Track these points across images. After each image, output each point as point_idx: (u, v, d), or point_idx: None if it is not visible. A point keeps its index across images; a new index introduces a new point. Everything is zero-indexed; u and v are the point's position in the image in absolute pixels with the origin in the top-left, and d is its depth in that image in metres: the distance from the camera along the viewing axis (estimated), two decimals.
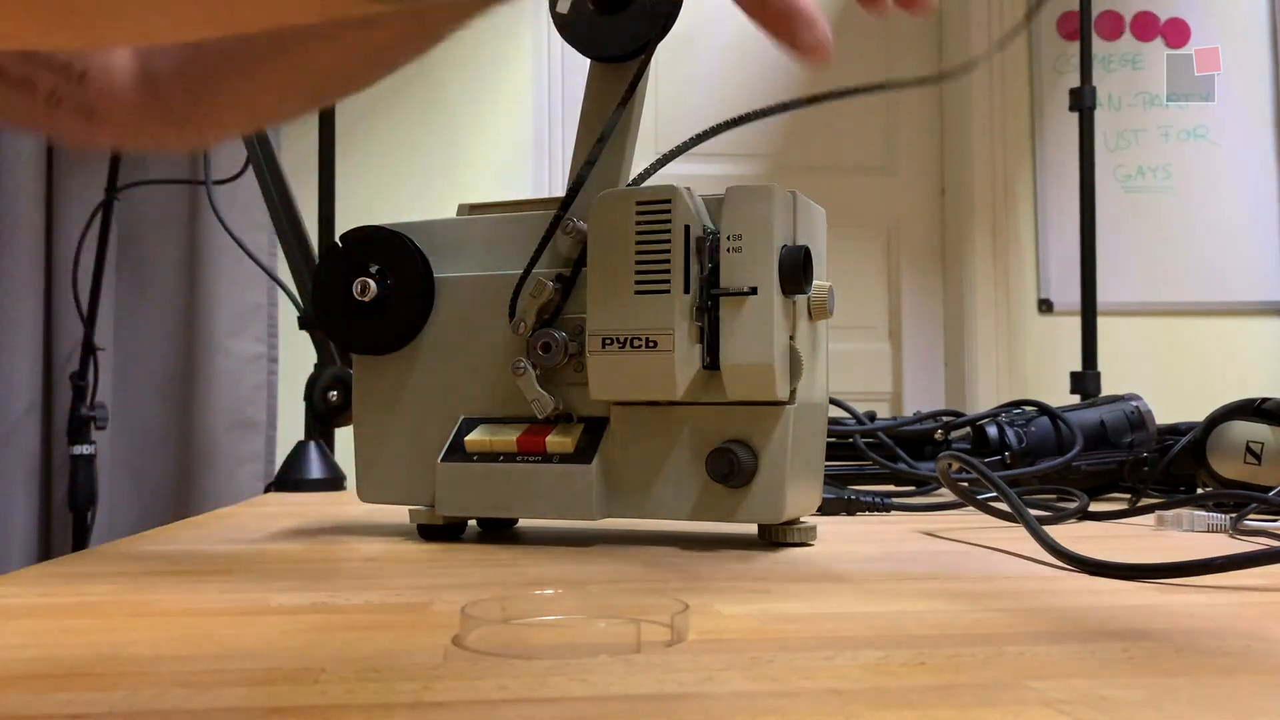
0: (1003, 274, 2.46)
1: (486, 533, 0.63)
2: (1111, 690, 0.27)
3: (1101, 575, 0.47)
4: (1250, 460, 0.78)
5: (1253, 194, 2.49)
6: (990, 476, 0.61)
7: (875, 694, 0.27)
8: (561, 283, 0.57)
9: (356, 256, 0.61)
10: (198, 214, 1.85)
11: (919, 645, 0.32)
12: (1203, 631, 0.35)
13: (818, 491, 0.60)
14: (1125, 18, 2.49)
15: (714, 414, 0.54)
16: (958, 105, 2.50)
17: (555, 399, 0.56)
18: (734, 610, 0.38)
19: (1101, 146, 2.12)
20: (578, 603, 0.37)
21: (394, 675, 0.28)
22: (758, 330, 0.51)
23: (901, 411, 2.49)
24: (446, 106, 2.22)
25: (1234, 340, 2.47)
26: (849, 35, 2.53)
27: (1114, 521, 0.72)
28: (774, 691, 0.27)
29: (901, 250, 2.56)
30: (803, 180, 0.65)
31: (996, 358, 2.46)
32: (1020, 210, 2.47)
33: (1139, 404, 0.93)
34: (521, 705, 0.26)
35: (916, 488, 0.91)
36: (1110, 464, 0.89)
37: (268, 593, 0.42)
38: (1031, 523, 0.54)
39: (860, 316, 2.53)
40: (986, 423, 0.92)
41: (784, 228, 0.53)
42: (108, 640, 0.33)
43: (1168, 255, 2.45)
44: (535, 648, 0.32)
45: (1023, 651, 0.31)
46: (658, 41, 0.58)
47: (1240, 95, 2.49)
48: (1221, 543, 0.60)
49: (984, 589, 0.44)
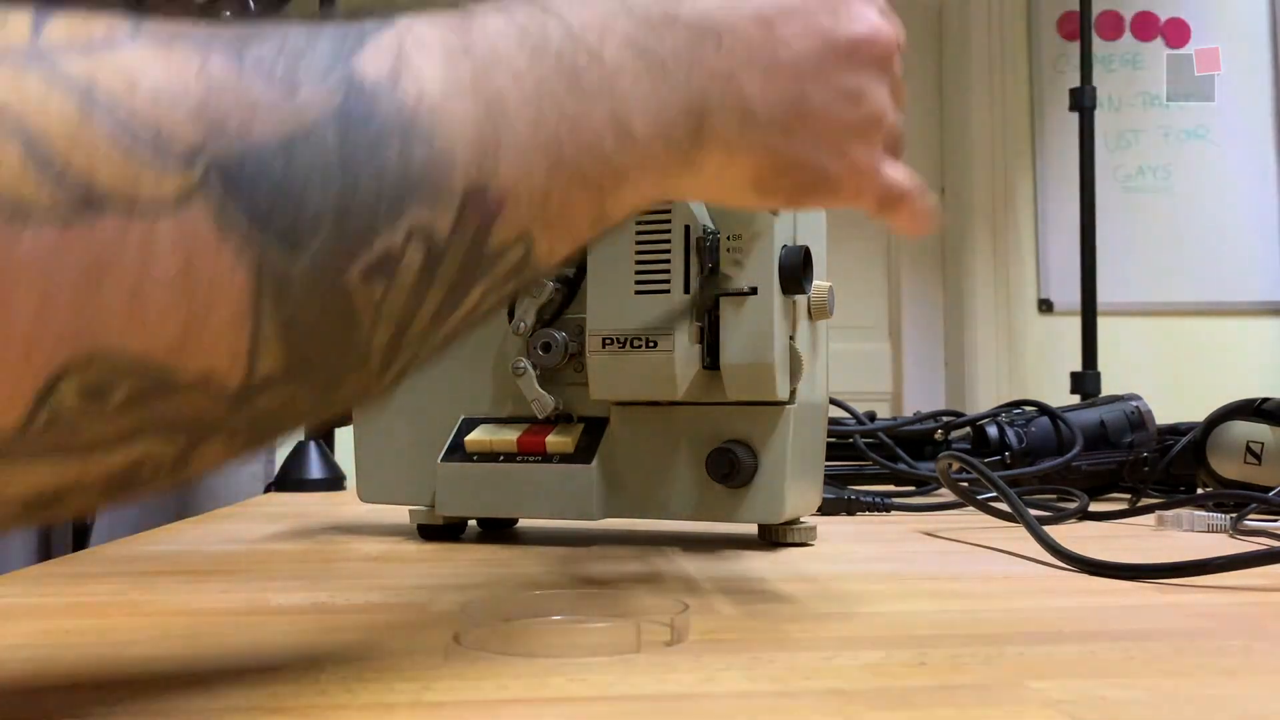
0: (1003, 274, 2.46)
1: (486, 533, 0.63)
2: (1111, 690, 0.27)
3: (1101, 575, 0.47)
4: (1250, 460, 0.78)
5: (1253, 194, 2.49)
6: (990, 476, 0.61)
7: (875, 694, 0.27)
8: (562, 283, 0.57)
9: None
10: None
11: (919, 645, 0.32)
12: (1203, 631, 0.35)
13: (818, 491, 0.60)
14: (1125, 18, 2.49)
15: (714, 414, 0.54)
16: (958, 105, 2.50)
17: (555, 399, 0.56)
18: (734, 610, 0.38)
19: (1101, 146, 2.12)
20: (577, 603, 0.37)
21: (394, 675, 0.28)
22: (758, 330, 0.51)
23: (901, 411, 2.49)
24: None
25: (1234, 340, 2.47)
26: None
27: (1114, 521, 0.72)
28: (774, 691, 0.27)
29: (901, 250, 2.56)
30: None
31: (996, 358, 2.46)
32: (1020, 210, 2.47)
33: (1139, 404, 0.93)
34: (521, 705, 0.26)
35: (916, 488, 0.91)
36: (1110, 464, 0.89)
37: (268, 593, 0.42)
38: (1031, 523, 0.54)
39: (860, 316, 2.53)
40: (986, 423, 0.92)
41: (784, 228, 0.53)
42: (108, 640, 0.33)
43: (1168, 255, 2.45)
44: (535, 648, 0.32)
45: (1023, 651, 0.31)
46: None
47: (1240, 95, 2.49)
48: (1221, 543, 0.60)
49: (984, 589, 0.44)
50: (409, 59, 0.26)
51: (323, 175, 0.23)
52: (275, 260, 0.23)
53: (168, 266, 0.21)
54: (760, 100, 0.32)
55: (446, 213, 0.26)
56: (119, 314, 0.21)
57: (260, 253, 0.22)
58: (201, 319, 0.22)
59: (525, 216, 0.28)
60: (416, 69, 0.26)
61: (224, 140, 0.22)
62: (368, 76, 0.25)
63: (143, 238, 0.21)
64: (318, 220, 0.23)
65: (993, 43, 2.47)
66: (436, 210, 0.25)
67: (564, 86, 0.28)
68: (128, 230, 0.21)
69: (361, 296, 0.25)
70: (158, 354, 0.22)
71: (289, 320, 0.23)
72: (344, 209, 0.24)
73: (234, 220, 0.22)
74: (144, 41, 0.22)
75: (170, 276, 0.21)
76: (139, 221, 0.21)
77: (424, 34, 0.27)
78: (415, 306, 0.26)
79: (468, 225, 0.26)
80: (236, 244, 0.22)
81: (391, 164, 0.25)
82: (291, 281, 0.23)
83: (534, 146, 0.27)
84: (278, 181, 0.23)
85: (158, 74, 0.22)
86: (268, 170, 0.23)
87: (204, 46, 0.23)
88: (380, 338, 0.26)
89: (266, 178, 0.22)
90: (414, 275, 0.25)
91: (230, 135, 0.22)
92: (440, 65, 0.26)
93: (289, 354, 0.24)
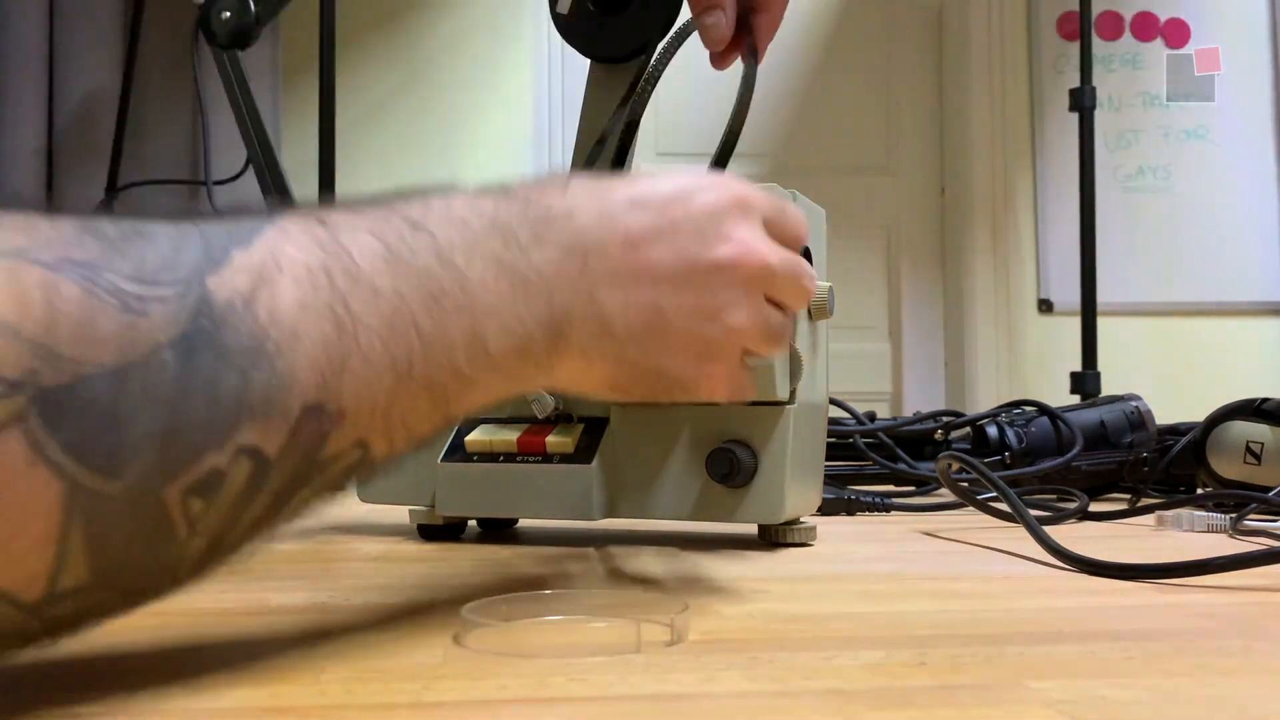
0: (1003, 274, 2.46)
1: (486, 533, 0.63)
2: (1111, 690, 0.27)
3: (1101, 575, 0.47)
4: (1250, 460, 0.78)
5: (1253, 194, 2.49)
6: (990, 477, 0.61)
7: (875, 694, 0.27)
8: None
9: None
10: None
11: (919, 645, 0.32)
12: (1203, 631, 0.35)
13: (818, 491, 0.60)
14: (1125, 18, 2.48)
15: (714, 414, 0.54)
16: (958, 105, 2.50)
17: (555, 399, 0.56)
18: (734, 610, 0.38)
19: (1101, 146, 2.11)
20: (578, 603, 0.37)
21: (394, 675, 0.28)
22: None
23: (901, 411, 2.48)
24: (446, 107, 2.22)
25: (1234, 340, 2.47)
26: (850, 34, 2.53)
27: (1114, 522, 0.72)
28: (774, 691, 0.27)
29: (901, 250, 2.56)
30: (803, 180, 0.65)
31: (996, 358, 2.45)
32: (1020, 210, 2.47)
33: (1139, 404, 0.93)
34: (521, 705, 0.26)
35: (916, 488, 0.91)
36: (1110, 464, 0.89)
37: (268, 593, 0.42)
38: (1031, 523, 0.54)
39: (860, 316, 2.52)
40: (986, 423, 0.92)
41: None
42: (107, 640, 0.33)
43: (1168, 255, 2.45)
44: (535, 648, 0.32)
45: (1023, 651, 0.31)
46: (658, 41, 0.58)
47: (1240, 95, 2.49)
48: (1221, 543, 0.60)
49: (984, 589, 0.44)
50: (269, 279, 0.26)
51: (153, 402, 0.23)
52: (89, 484, 0.23)
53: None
54: (619, 316, 0.34)
55: (279, 432, 0.26)
56: None
57: (73, 479, 0.22)
58: (3, 541, 0.22)
59: (364, 426, 0.28)
60: (274, 288, 0.26)
61: (54, 371, 0.22)
62: (221, 298, 0.25)
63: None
64: (140, 446, 0.23)
65: (993, 43, 2.47)
66: (269, 430, 0.25)
67: (423, 306, 0.29)
68: None
69: (179, 511, 0.24)
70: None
71: (99, 536, 0.23)
72: (171, 433, 0.24)
73: (49, 449, 0.22)
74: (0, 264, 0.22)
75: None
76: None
77: (291, 252, 0.27)
78: (236, 517, 0.26)
79: (300, 440, 0.26)
80: (49, 471, 0.22)
81: (229, 387, 0.25)
82: (106, 501, 0.23)
83: (383, 364, 0.28)
84: (104, 410, 0.23)
85: (3, 303, 0.22)
86: (95, 400, 0.23)
87: (58, 268, 0.23)
88: (195, 547, 0.26)
89: (93, 407, 0.22)
90: (238, 490, 0.25)
91: (63, 366, 0.22)
92: (299, 286, 0.27)
93: (95, 567, 0.24)
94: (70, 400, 0.22)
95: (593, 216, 0.34)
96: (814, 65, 2.47)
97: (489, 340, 0.31)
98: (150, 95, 1.74)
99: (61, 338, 0.22)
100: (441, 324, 0.29)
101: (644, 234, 0.34)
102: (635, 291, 0.34)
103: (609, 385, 0.36)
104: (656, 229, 0.35)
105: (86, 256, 0.23)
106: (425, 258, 0.29)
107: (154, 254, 0.25)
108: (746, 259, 0.36)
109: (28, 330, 0.22)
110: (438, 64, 2.21)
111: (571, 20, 0.59)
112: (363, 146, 2.13)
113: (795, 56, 2.45)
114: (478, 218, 0.31)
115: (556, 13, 0.59)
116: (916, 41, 2.54)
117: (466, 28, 2.23)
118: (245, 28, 1.21)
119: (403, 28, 2.20)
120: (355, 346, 0.27)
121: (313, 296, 0.27)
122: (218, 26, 1.21)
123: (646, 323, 0.35)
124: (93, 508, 0.23)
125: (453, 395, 0.31)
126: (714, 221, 0.36)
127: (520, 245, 0.32)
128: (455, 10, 2.23)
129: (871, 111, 2.52)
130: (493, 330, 0.31)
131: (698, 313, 0.36)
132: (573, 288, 0.33)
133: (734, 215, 0.37)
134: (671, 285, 0.35)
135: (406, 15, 2.21)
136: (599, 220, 0.34)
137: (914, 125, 2.54)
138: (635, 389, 0.37)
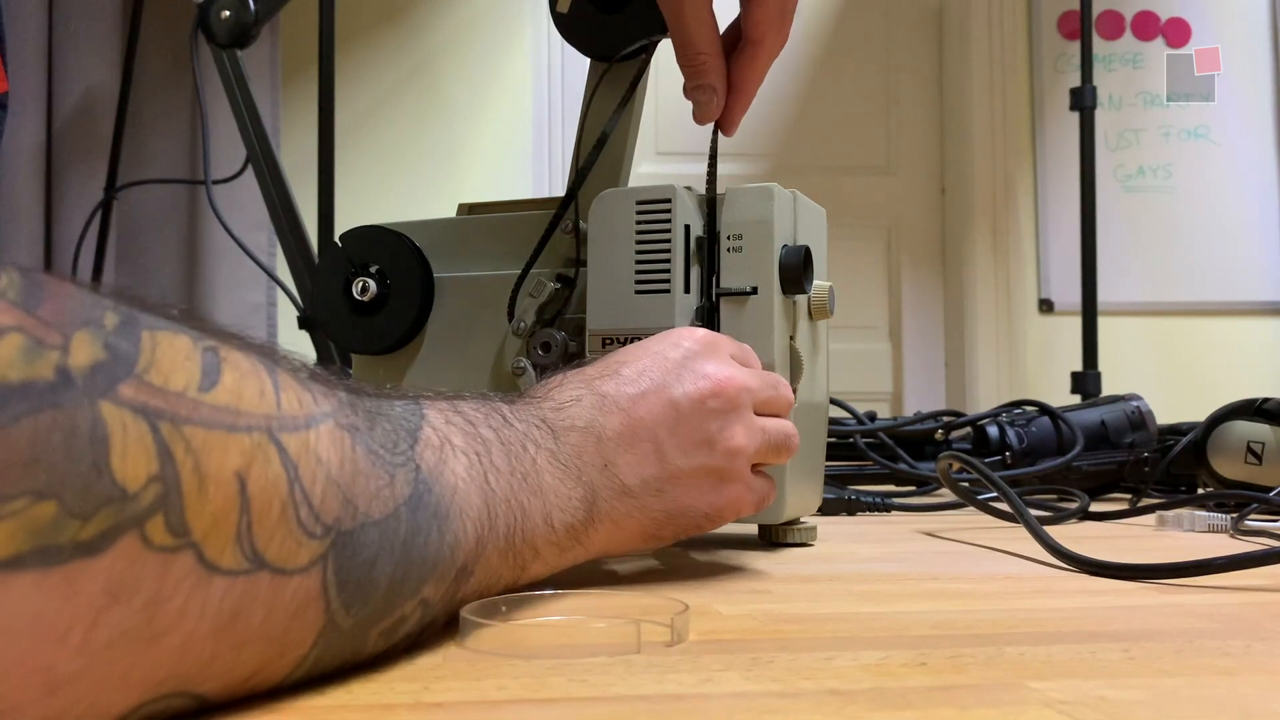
0: (1003, 274, 2.46)
1: None
2: (1111, 690, 0.27)
3: (1101, 575, 0.47)
4: (1251, 460, 0.78)
5: (1253, 194, 2.49)
6: (990, 476, 0.61)
7: (875, 694, 0.27)
8: (562, 283, 0.57)
9: (356, 256, 0.61)
10: (197, 214, 1.85)
11: (919, 645, 0.32)
12: (1203, 631, 0.35)
13: (818, 492, 0.60)
14: (1125, 17, 2.48)
15: None
16: (958, 105, 2.50)
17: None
18: (734, 610, 0.38)
19: (1102, 146, 2.11)
20: (578, 603, 0.37)
21: (394, 675, 0.28)
22: (758, 330, 0.51)
23: (901, 411, 2.49)
24: (446, 105, 2.22)
25: (1234, 340, 2.47)
26: (850, 34, 2.53)
27: (1115, 522, 0.72)
28: (774, 691, 0.27)
29: (901, 250, 2.56)
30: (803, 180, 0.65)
31: (997, 358, 2.45)
32: (1020, 210, 2.47)
33: (1139, 404, 0.93)
34: (521, 705, 0.26)
35: (917, 488, 0.91)
36: (1111, 464, 0.89)
37: None
38: (1032, 523, 0.54)
39: (860, 316, 2.53)
40: (987, 423, 0.92)
41: (784, 228, 0.53)
42: None
43: (1168, 255, 2.45)
44: (535, 648, 0.32)
45: (1023, 651, 0.31)
46: (658, 41, 0.58)
47: (1240, 95, 2.49)
48: (1222, 543, 0.60)
49: (984, 589, 0.44)
50: (447, 456, 0.31)
51: (391, 552, 0.27)
52: (337, 619, 0.26)
53: (278, 619, 0.24)
54: (631, 473, 0.39)
55: (443, 586, 0.30)
56: (222, 659, 0.23)
57: (332, 614, 0.26)
58: (266, 661, 0.24)
59: (479, 585, 0.33)
60: (452, 465, 0.31)
61: (350, 518, 0.26)
62: (425, 467, 0.30)
63: (273, 593, 0.23)
64: (378, 589, 0.27)
65: (993, 43, 2.47)
66: (439, 584, 0.30)
67: (522, 486, 0.34)
68: (270, 586, 0.23)
69: (369, 648, 0.28)
70: (216, 693, 0.23)
71: (319, 661, 0.26)
72: (397, 581, 0.28)
73: (330, 586, 0.25)
74: (326, 426, 0.26)
75: (274, 631, 0.24)
76: (279, 579, 0.24)
77: (453, 434, 0.32)
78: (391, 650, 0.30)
79: (451, 596, 0.31)
80: (323, 604, 0.25)
81: (430, 546, 0.29)
82: (339, 635, 0.26)
83: (503, 534, 0.33)
84: (367, 557, 0.26)
85: (328, 454, 0.25)
86: (365, 546, 0.26)
87: (351, 431, 0.27)
88: None
89: (362, 552, 0.26)
90: (407, 634, 0.30)
91: (356, 515, 0.26)
92: (465, 464, 0.32)
93: (296, 680, 0.26)
94: (352, 545, 0.26)
95: (593, 399, 0.39)
96: (814, 65, 2.47)
97: (554, 518, 0.36)
98: (149, 94, 1.74)
99: (356, 489, 0.26)
100: (529, 503, 0.34)
101: (633, 398, 0.40)
102: (638, 447, 0.39)
103: (642, 538, 0.41)
104: (642, 388, 0.40)
105: (358, 424, 0.28)
106: (515, 446, 0.35)
107: (388, 425, 0.29)
108: (725, 385, 0.41)
109: (341, 480, 0.26)
110: (437, 63, 2.21)
111: (572, 19, 0.59)
112: (362, 146, 2.13)
113: (795, 56, 2.45)
114: (519, 418, 0.37)
115: (556, 11, 0.59)
116: (916, 41, 2.54)
117: (466, 27, 2.22)
118: (245, 27, 1.21)
119: (402, 27, 2.20)
120: (493, 516, 0.32)
121: (469, 473, 0.32)
122: (217, 25, 1.22)
123: (655, 472, 0.40)
124: (329, 639, 0.26)
125: (525, 565, 0.35)
126: (688, 366, 0.42)
127: (554, 434, 0.37)
128: (455, 9, 2.23)
129: (872, 111, 2.52)
130: (555, 509, 0.36)
131: (696, 446, 0.40)
132: (594, 464, 0.38)
133: (704, 356, 0.42)
134: (667, 430, 0.40)
135: (406, 14, 2.21)
136: (599, 400, 0.39)
137: (914, 125, 2.54)
138: (666, 534, 0.41)
